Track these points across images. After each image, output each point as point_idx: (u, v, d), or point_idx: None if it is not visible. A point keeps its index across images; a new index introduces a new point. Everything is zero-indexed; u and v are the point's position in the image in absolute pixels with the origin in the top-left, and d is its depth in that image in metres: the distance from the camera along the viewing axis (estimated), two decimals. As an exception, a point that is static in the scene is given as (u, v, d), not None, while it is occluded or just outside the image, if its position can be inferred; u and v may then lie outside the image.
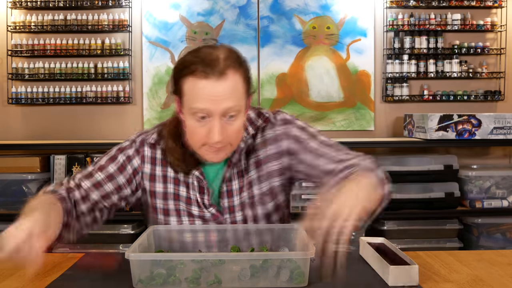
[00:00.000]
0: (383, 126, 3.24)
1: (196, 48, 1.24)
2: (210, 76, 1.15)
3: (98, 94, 3.12)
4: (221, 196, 1.33)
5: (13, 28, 3.09)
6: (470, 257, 1.35)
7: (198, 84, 1.16)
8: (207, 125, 1.18)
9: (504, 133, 2.79)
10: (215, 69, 1.15)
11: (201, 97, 1.16)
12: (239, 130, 1.23)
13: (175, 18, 3.17)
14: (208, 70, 1.15)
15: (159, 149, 1.34)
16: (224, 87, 1.16)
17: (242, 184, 1.32)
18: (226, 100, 1.16)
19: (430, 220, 2.89)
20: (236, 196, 1.33)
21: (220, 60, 1.17)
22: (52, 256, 1.39)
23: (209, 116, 1.18)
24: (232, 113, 1.18)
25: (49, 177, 2.85)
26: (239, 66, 1.20)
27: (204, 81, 1.16)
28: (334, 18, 3.18)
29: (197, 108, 1.17)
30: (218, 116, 1.17)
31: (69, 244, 2.79)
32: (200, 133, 1.20)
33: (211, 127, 1.18)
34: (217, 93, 1.15)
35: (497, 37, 3.22)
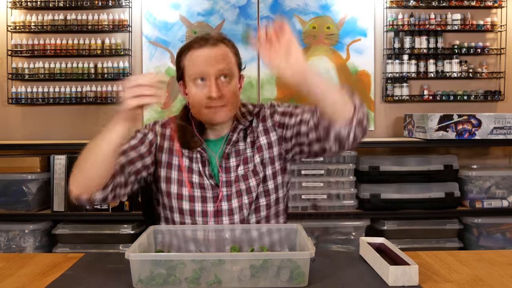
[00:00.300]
0: (383, 126, 3.24)
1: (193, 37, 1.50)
2: (205, 46, 1.41)
3: (98, 94, 3.12)
4: (220, 170, 1.47)
5: (13, 28, 3.09)
6: (470, 257, 1.35)
7: (195, 53, 1.42)
8: (206, 86, 1.40)
9: (504, 133, 2.79)
10: (208, 41, 1.42)
11: (198, 62, 1.41)
12: (234, 91, 1.43)
13: (175, 18, 3.17)
14: (202, 42, 1.42)
15: (168, 128, 1.53)
16: (217, 52, 1.41)
17: (239, 162, 1.48)
18: (218, 62, 1.40)
19: (430, 220, 2.88)
20: (233, 172, 1.47)
21: (213, 36, 1.45)
22: (52, 256, 1.39)
23: (206, 77, 1.40)
24: (225, 73, 1.41)
25: (49, 177, 2.85)
26: (229, 42, 1.46)
27: (200, 50, 1.41)
28: (334, 18, 3.18)
29: (195, 71, 1.41)
30: (213, 76, 1.39)
31: (69, 244, 2.80)
32: (200, 95, 1.41)
33: (209, 86, 1.39)
34: (210, 56, 1.40)
35: (497, 37, 3.22)
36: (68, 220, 2.85)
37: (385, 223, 2.85)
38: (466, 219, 2.90)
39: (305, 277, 1.09)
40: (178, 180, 1.48)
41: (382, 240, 1.34)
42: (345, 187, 2.86)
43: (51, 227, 2.86)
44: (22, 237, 2.80)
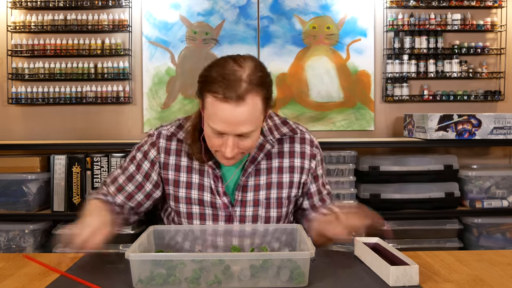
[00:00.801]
0: (383, 126, 3.24)
1: (223, 61, 1.27)
2: (229, 101, 1.20)
3: (98, 94, 3.12)
4: (237, 189, 1.40)
5: (13, 28, 3.09)
6: (470, 257, 1.35)
7: (217, 106, 1.22)
8: (223, 139, 1.26)
9: (504, 133, 2.79)
10: (234, 94, 1.20)
11: (218, 119, 1.23)
12: (252, 143, 1.30)
13: (175, 18, 3.16)
14: (227, 94, 1.20)
15: (174, 141, 1.42)
16: (241, 111, 1.21)
17: (258, 182, 1.40)
18: (241, 125, 1.23)
19: (430, 220, 2.89)
20: (250, 192, 1.40)
21: (241, 83, 1.21)
22: (52, 256, 1.39)
23: (225, 138, 1.26)
24: (245, 134, 1.26)
25: (49, 177, 2.85)
26: (260, 87, 1.24)
27: (223, 104, 1.21)
28: (334, 18, 3.18)
29: (214, 128, 1.24)
30: (232, 136, 1.25)
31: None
32: (215, 142, 1.28)
33: (225, 143, 1.26)
34: (234, 117, 1.22)
35: (497, 37, 3.22)
36: (68, 220, 2.85)
37: (385, 223, 2.85)
38: (466, 219, 2.90)
39: (305, 277, 1.09)
40: (187, 198, 1.41)
41: (377, 239, 1.34)
42: (345, 187, 2.86)
43: (51, 227, 2.86)
44: (22, 237, 2.79)
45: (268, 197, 1.41)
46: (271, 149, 1.42)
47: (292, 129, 1.45)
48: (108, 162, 2.80)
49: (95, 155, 2.81)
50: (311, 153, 1.45)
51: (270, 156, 1.42)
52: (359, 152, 2.90)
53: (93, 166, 2.80)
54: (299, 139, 1.45)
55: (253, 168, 1.40)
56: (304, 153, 1.44)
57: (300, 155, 1.44)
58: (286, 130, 1.44)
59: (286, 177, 1.43)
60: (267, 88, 1.28)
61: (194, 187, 1.40)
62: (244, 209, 1.40)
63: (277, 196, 1.42)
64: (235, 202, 1.40)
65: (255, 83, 1.23)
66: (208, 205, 1.40)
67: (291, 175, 1.43)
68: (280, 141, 1.44)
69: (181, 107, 3.17)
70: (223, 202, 1.39)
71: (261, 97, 1.24)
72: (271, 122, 1.45)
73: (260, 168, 1.41)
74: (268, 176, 1.41)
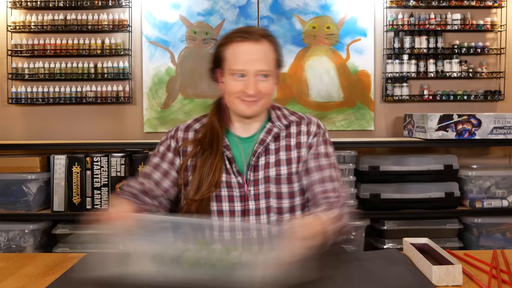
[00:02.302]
0: (383, 126, 3.24)
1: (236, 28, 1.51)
2: (248, 39, 1.43)
3: (98, 94, 3.12)
4: (249, 169, 1.48)
5: (13, 28, 3.09)
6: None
7: (238, 47, 1.44)
8: (244, 81, 1.43)
9: (504, 133, 2.79)
10: (252, 35, 1.44)
11: (240, 58, 1.43)
12: (269, 89, 1.47)
13: (175, 18, 3.16)
14: (246, 35, 1.44)
15: (191, 131, 1.54)
16: (259, 49, 1.44)
17: (268, 161, 1.49)
18: (259, 62, 1.43)
19: (430, 220, 2.89)
20: (261, 171, 1.48)
21: (257, 30, 1.47)
22: (52, 256, 1.39)
23: (246, 75, 1.43)
24: (264, 73, 1.43)
25: (49, 177, 2.85)
26: (272, 39, 1.48)
27: (243, 44, 1.44)
28: (334, 18, 3.18)
29: (237, 68, 1.43)
30: (252, 74, 1.43)
31: (69, 244, 2.80)
32: (237, 86, 1.44)
33: (247, 83, 1.43)
34: (253, 53, 1.43)
35: (497, 37, 3.22)
36: (68, 220, 2.85)
37: (385, 223, 2.85)
38: (466, 219, 2.90)
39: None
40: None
41: (426, 240, 1.36)
42: (345, 187, 2.85)
43: (51, 227, 2.86)
44: (22, 237, 2.80)
45: (278, 173, 1.48)
46: (279, 132, 1.52)
47: (300, 117, 1.57)
48: (108, 162, 2.80)
49: (95, 155, 2.81)
50: (316, 131, 1.54)
51: (279, 138, 1.52)
52: (359, 152, 2.90)
53: (93, 166, 2.80)
54: (306, 122, 1.55)
55: (263, 149, 1.49)
56: (310, 130, 1.54)
57: (306, 132, 1.53)
58: (294, 118, 1.56)
59: (294, 153, 1.51)
60: (277, 44, 1.50)
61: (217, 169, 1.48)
62: (257, 187, 1.47)
63: (287, 172, 1.49)
64: (248, 182, 1.48)
65: (268, 34, 1.48)
66: (224, 185, 1.47)
67: (299, 151, 1.51)
68: (288, 127, 1.54)
69: (181, 107, 3.17)
70: (238, 181, 1.47)
71: (273, 48, 1.47)
72: (280, 112, 1.56)
73: (269, 148, 1.50)
74: (277, 154, 1.50)
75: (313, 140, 1.52)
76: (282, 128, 1.52)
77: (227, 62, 1.45)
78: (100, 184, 2.81)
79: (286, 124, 1.53)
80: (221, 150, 1.48)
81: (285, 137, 1.52)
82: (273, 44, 1.48)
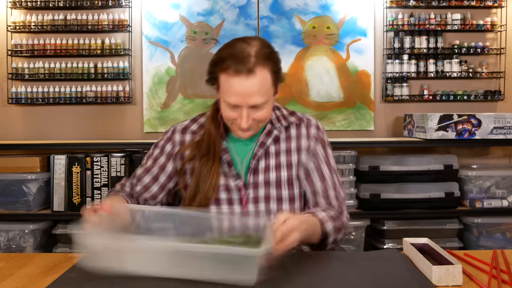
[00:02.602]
0: (383, 126, 3.24)
1: (232, 41, 1.41)
2: (240, 74, 1.32)
3: (98, 94, 3.12)
4: (249, 172, 1.46)
5: (13, 28, 3.09)
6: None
7: (229, 81, 1.34)
8: (238, 112, 1.37)
9: (504, 133, 2.79)
10: (244, 67, 1.32)
11: (232, 92, 1.34)
12: (266, 114, 1.40)
13: (175, 18, 3.17)
14: (238, 68, 1.32)
15: (188, 134, 1.51)
16: (252, 83, 1.33)
17: (268, 164, 1.46)
18: (253, 95, 1.34)
19: (430, 220, 2.89)
20: (261, 174, 1.46)
21: (250, 58, 1.33)
22: (52, 256, 1.39)
23: (239, 109, 1.36)
24: (258, 105, 1.36)
25: (49, 177, 2.85)
26: (268, 61, 1.36)
27: (234, 78, 1.33)
28: (334, 18, 3.18)
29: (229, 102, 1.36)
30: (246, 108, 1.35)
31: (69, 244, 2.80)
32: (231, 115, 1.39)
33: (240, 115, 1.37)
34: (245, 89, 1.33)
35: (497, 37, 3.22)
36: (68, 220, 2.85)
37: (385, 223, 2.85)
38: (466, 219, 2.90)
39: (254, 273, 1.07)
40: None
41: (426, 240, 1.36)
42: (345, 187, 2.85)
43: (51, 227, 2.87)
44: (22, 237, 2.80)
45: (279, 177, 1.46)
46: (279, 134, 1.49)
47: (299, 118, 1.53)
48: (108, 162, 2.80)
49: (95, 155, 2.81)
50: (316, 135, 1.51)
51: (279, 141, 1.49)
52: (359, 152, 2.90)
53: (93, 166, 2.80)
54: (306, 125, 1.52)
55: (263, 152, 1.47)
56: (310, 134, 1.51)
57: (306, 136, 1.50)
58: (293, 119, 1.52)
59: (294, 157, 1.49)
60: (275, 62, 1.39)
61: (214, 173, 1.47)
62: (256, 191, 1.45)
63: (287, 176, 1.47)
64: (247, 185, 1.45)
65: (263, 57, 1.35)
66: (223, 189, 1.45)
67: (299, 154, 1.49)
68: (287, 128, 1.51)
69: (181, 107, 3.17)
70: (236, 184, 1.45)
71: (269, 70, 1.36)
72: (279, 112, 1.52)
73: (269, 152, 1.48)
74: (277, 158, 1.48)
75: (314, 144, 1.50)
76: (282, 130, 1.50)
77: (221, 89, 1.38)
78: (100, 184, 2.81)
79: (286, 126, 1.50)
80: (218, 155, 1.45)
81: (285, 139, 1.50)
82: (270, 66, 1.36)
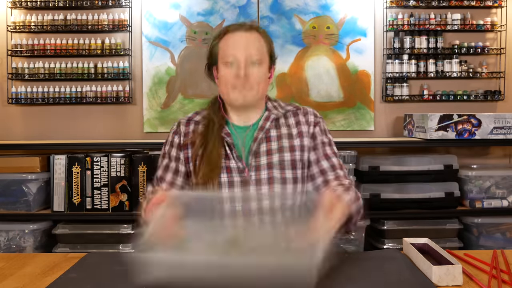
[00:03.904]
0: (383, 126, 3.24)
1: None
2: (240, 29, 1.49)
3: (98, 94, 3.12)
4: (250, 154, 1.48)
5: (13, 28, 3.09)
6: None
7: (230, 38, 1.49)
8: (235, 68, 1.46)
9: (504, 133, 2.79)
10: (243, 26, 1.50)
11: (231, 45, 1.47)
12: (261, 76, 1.48)
13: (175, 18, 3.17)
14: (237, 26, 1.50)
15: (192, 124, 1.56)
16: (250, 37, 1.48)
17: (270, 147, 1.50)
18: (249, 47, 1.46)
19: (430, 220, 2.89)
20: (263, 157, 1.48)
21: (247, 23, 1.52)
22: (52, 256, 1.39)
23: (237, 61, 1.46)
24: (254, 60, 1.46)
25: (49, 177, 2.85)
26: (264, 34, 1.52)
27: (234, 34, 1.48)
28: (334, 18, 3.18)
29: (228, 54, 1.47)
30: (243, 60, 1.46)
31: (69, 244, 2.80)
32: (229, 75, 1.47)
33: (238, 67, 1.45)
34: (244, 41, 1.47)
35: (497, 37, 3.22)
36: (68, 220, 2.86)
37: (385, 223, 2.85)
38: (466, 219, 2.90)
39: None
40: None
41: (426, 240, 1.36)
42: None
43: (51, 227, 2.86)
44: (22, 237, 2.80)
45: (282, 159, 1.48)
46: (278, 118, 1.54)
47: (296, 107, 1.59)
48: (108, 162, 2.80)
49: (95, 155, 2.81)
50: (315, 120, 1.56)
51: (279, 125, 1.54)
52: (359, 152, 2.90)
53: (93, 166, 2.80)
54: (303, 112, 1.57)
55: (263, 135, 1.50)
56: (308, 121, 1.55)
57: (305, 122, 1.55)
58: (290, 107, 1.58)
59: (296, 141, 1.52)
60: (269, 38, 1.53)
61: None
62: (259, 173, 1.46)
63: (290, 158, 1.49)
64: (249, 167, 1.47)
65: (260, 28, 1.52)
66: (224, 171, 1.46)
67: (301, 139, 1.52)
68: (286, 117, 1.56)
69: (181, 107, 3.17)
70: (238, 166, 1.46)
71: (264, 39, 1.51)
72: (276, 103, 1.59)
73: (271, 135, 1.52)
74: (279, 141, 1.51)
75: (315, 129, 1.54)
76: (280, 115, 1.54)
77: (220, 54, 1.50)
78: (100, 184, 2.81)
79: (283, 113, 1.55)
80: (220, 136, 1.49)
81: (285, 125, 1.54)
82: (265, 37, 1.51)
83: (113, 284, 1.13)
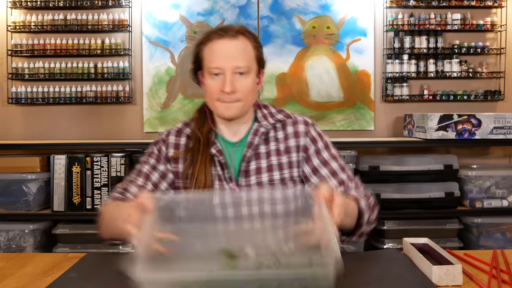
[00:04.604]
0: (383, 126, 3.24)
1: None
2: (224, 37, 1.39)
3: (98, 94, 3.12)
4: (240, 174, 1.43)
5: (13, 28, 3.09)
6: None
7: (214, 45, 1.40)
8: (221, 80, 1.38)
9: (504, 133, 2.79)
10: (228, 32, 1.40)
11: (216, 55, 1.39)
12: (248, 87, 1.41)
13: (175, 18, 3.17)
14: (222, 33, 1.40)
15: (183, 136, 1.50)
16: (235, 45, 1.39)
17: (259, 166, 1.44)
18: (236, 58, 1.38)
19: (430, 220, 2.89)
20: (253, 176, 1.43)
21: (234, 27, 1.42)
22: (52, 256, 1.39)
23: (223, 72, 1.38)
24: (241, 71, 1.38)
25: (49, 177, 2.85)
26: (250, 36, 1.43)
27: (219, 41, 1.39)
28: (334, 18, 3.18)
29: (213, 66, 1.38)
30: (229, 71, 1.37)
31: (69, 244, 2.80)
32: (215, 87, 1.40)
33: (223, 80, 1.38)
34: (229, 50, 1.38)
35: (497, 37, 3.22)
36: (68, 220, 2.86)
37: (385, 223, 2.85)
38: (466, 219, 2.90)
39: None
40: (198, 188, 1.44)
41: (426, 240, 1.36)
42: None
43: (51, 227, 2.87)
44: (22, 237, 2.80)
45: (271, 178, 1.44)
46: (266, 132, 1.46)
47: (287, 115, 1.50)
48: (108, 162, 2.80)
49: (95, 155, 2.81)
50: (305, 130, 1.48)
51: (268, 140, 1.47)
52: (359, 152, 2.90)
53: (93, 166, 2.80)
54: (292, 122, 1.49)
55: (252, 152, 1.44)
56: (298, 132, 1.48)
57: (293, 135, 1.47)
58: (281, 116, 1.50)
59: (284, 158, 1.45)
60: (256, 40, 1.45)
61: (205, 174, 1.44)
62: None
63: (279, 177, 1.44)
64: (240, 187, 1.43)
65: (246, 31, 1.43)
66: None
67: (289, 156, 1.46)
68: (275, 128, 1.48)
69: (181, 107, 3.17)
70: (231, 188, 1.42)
71: (251, 43, 1.42)
72: (266, 110, 1.51)
73: (260, 152, 1.45)
74: (268, 159, 1.45)
75: (306, 140, 1.46)
76: (269, 127, 1.47)
77: (205, 62, 1.41)
78: (100, 184, 2.81)
79: (273, 123, 1.47)
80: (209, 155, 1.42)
81: (274, 140, 1.47)
82: (252, 41, 1.42)
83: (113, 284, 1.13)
